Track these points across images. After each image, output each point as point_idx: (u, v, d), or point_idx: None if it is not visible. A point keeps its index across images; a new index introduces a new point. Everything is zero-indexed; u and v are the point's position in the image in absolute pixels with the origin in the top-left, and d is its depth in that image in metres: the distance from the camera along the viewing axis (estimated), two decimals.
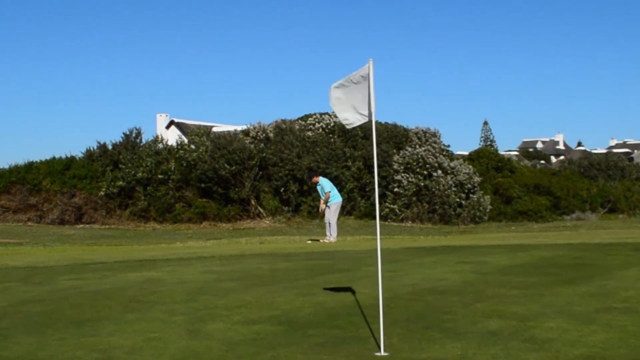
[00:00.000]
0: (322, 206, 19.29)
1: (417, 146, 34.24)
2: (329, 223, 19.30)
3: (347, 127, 7.17)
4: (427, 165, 32.82)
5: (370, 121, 6.75)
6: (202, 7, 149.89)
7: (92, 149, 35.15)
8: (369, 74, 6.60)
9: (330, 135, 34.77)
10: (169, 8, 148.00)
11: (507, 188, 36.41)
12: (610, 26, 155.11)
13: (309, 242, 19.38)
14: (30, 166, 33.80)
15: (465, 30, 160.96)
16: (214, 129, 40.00)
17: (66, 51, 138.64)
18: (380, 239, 7.17)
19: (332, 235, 19.24)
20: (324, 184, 19.32)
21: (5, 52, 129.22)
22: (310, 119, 37.30)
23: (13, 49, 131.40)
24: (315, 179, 19.63)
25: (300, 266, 12.26)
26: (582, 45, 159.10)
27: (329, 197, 19.11)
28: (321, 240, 19.41)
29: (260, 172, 32.22)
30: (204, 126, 42.07)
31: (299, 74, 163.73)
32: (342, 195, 21.70)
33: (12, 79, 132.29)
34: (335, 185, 20.73)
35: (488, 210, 33.21)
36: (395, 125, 36.74)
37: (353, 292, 9.07)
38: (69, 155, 34.85)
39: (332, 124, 35.71)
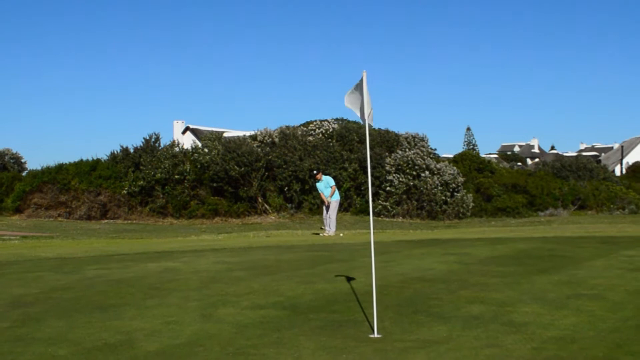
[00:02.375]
0: (327, 199, 19.26)
1: (407, 149, 34.25)
2: (329, 218, 19.36)
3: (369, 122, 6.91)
4: (416, 167, 32.82)
5: (365, 126, 6.76)
6: (216, 27, 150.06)
7: (115, 152, 35.15)
8: (362, 84, 6.62)
9: (329, 140, 34.81)
10: (186, 29, 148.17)
11: (487, 187, 36.42)
12: (578, 41, 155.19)
13: (320, 234, 19.41)
14: (60, 167, 33.82)
15: (450, 45, 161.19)
16: (225, 134, 40.02)
17: (92, 64, 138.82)
18: (374, 233, 7.17)
19: (331, 229, 19.27)
20: (328, 180, 19.41)
21: (38, 68, 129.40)
22: (311, 125, 37.34)
23: (44, 63, 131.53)
24: (318, 176, 19.69)
25: (302, 257, 12.27)
26: (555, 58, 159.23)
27: (334, 190, 19.21)
28: (321, 234, 19.44)
29: (266, 173, 32.24)
30: (216, 132, 42.13)
31: (301, 85, 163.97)
32: (340, 194, 21.73)
33: (45, 89, 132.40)
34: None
35: (470, 207, 33.22)
36: (387, 131, 36.75)
37: (349, 280, 9.07)
38: (95, 158, 34.84)
39: (330, 130, 35.78)
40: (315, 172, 20.09)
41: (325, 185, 19.29)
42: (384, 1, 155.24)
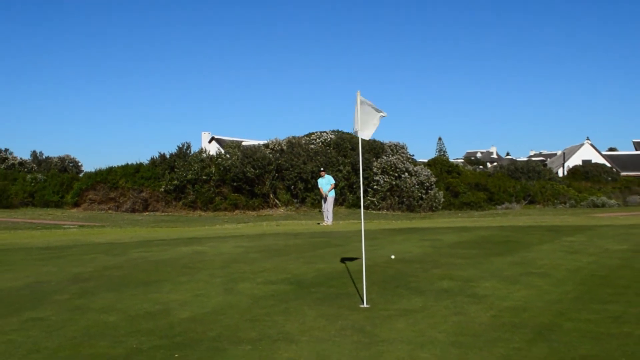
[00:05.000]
0: (325, 193, 19.34)
1: (390, 155, 34.20)
2: (327, 211, 19.39)
3: (367, 137, 6.53)
4: (398, 169, 32.79)
5: (357, 137, 6.63)
6: (236, 58, 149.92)
7: (155, 157, 35.14)
8: (357, 102, 6.50)
9: (328, 147, 34.77)
10: (212, 59, 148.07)
11: (455, 186, 36.37)
12: (529, 64, 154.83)
13: (320, 224, 19.44)
14: (110, 170, 33.84)
15: (427, 69, 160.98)
16: (243, 143, 39.99)
17: (136, 85, 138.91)
18: (364, 223, 7.18)
19: (329, 220, 19.28)
20: (330, 179, 19.55)
21: (91, 89, 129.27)
22: (313, 135, 37.28)
23: (96, 86, 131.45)
24: (322, 173, 19.79)
25: (306, 242, 12.27)
26: (510, 79, 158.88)
27: (333, 187, 19.39)
28: (321, 224, 19.44)
29: (277, 174, 32.22)
30: (236, 141, 42.08)
31: (304, 102, 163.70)
32: (335, 191, 21.80)
33: (98, 106, 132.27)
34: None
35: (441, 202, 33.18)
36: (374, 140, 36.68)
37: (344, 261, 9.08)
38: (138, 162, 34.88)
39: (328, 139, 35.75)
40: (322, 169, 20.32)
41: (326, 182, 19.39)
42: (376, 32, 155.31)
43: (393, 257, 7.81)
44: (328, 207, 19.35)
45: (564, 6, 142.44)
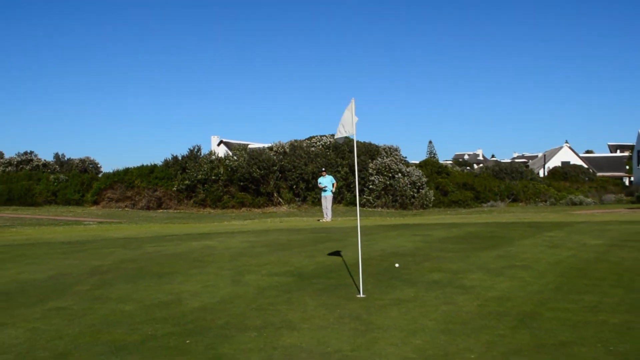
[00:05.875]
0: (333, 190, 19.49)
1: (385, 157, 34.19)
2: (326, 208, 19.40)
3: (336, 138, 6.96)
4: (391, 170, 32.78)
5: (353, 139, 6.73)
6: (243, 68, 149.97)
7: (168, 159, 35.12)
8: (352, 108, 6.58)
9: (327, 150, 34.76)
10: (221, 70, 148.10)
11: (444, 185, 36.37)
12: (510, 73, 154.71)
13: (320, 220, 19.47)
14: (127, 170, 33.82)
15: (420, 79, 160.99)
16: (250, 146, 39.95)
17: (150, 94, 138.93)
18: (360, 219, 7.18)
19: (328, 216, 19.28)
20: (331, 178, 19.68)
21: (110, 98, 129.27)
22: (313, 139, 37.28)
23: (115, 95, 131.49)
24: (323, 173, 19.86)
25: (307, 237, 12.27)
26: (495, 88, 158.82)
27: (335, 186, 19.51)
28: (321, 220, 19.45)
29: (280, 175, 32.22)
30: (243, 144, 42.05)
31: (306, 108, 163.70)
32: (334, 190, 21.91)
33: (116, 113, 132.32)
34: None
35: (432, 200, 33.17)
36: (370, 143, 36.71)
37: (342, 254, 9.08)
38: (152, 163, 34.85)
39: (328, 143, 35.74)
40: (323, 169, 20.45)
41: (328, 181, 19.50)
42: (372, 43, 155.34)
43: (397, 265, 7.83)
44: (327, 205, 19.37)
45: (545, 16, 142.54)
